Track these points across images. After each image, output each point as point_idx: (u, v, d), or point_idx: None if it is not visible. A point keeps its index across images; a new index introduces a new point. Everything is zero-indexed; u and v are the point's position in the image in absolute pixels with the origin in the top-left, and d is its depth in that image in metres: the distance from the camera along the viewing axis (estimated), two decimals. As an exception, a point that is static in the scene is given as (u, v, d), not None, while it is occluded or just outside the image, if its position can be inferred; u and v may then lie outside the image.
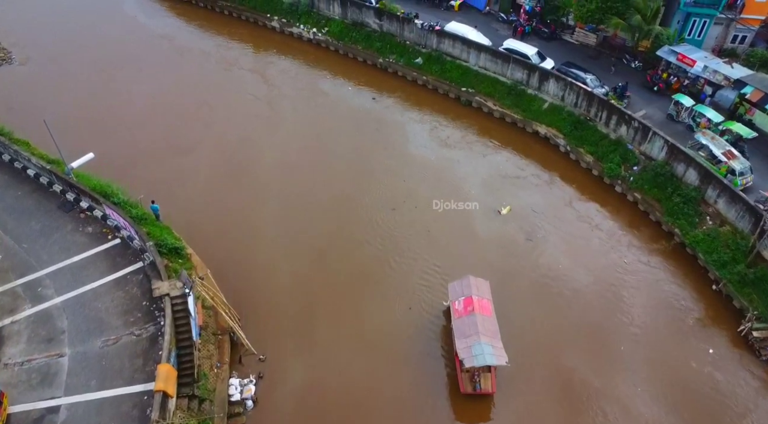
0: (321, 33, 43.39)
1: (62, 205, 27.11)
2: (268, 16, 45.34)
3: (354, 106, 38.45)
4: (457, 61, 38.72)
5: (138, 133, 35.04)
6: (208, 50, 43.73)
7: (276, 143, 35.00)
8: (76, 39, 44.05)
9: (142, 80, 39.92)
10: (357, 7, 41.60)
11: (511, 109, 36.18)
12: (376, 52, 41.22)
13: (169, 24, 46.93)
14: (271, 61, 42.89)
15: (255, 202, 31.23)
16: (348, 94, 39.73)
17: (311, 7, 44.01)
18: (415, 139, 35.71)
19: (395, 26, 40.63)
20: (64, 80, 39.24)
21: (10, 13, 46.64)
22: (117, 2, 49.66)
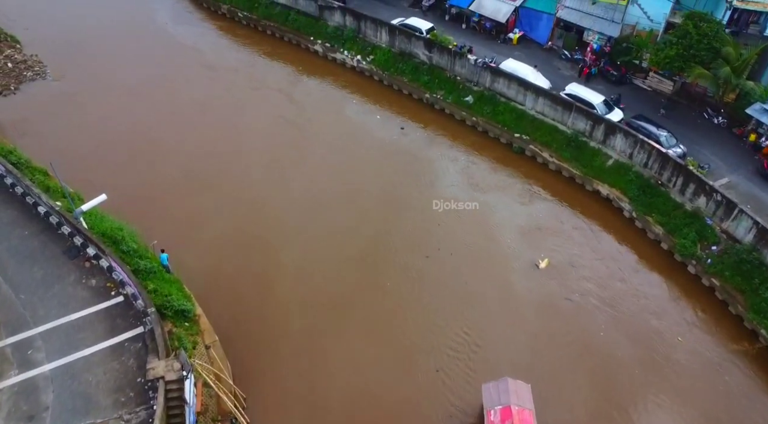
0: (365, 61, 40.77)
1: (68, 251, 25.24)
2: (312, 39, 43.10)
3: (393, 142, 35.78)
4: (511, 103, 35.30)
5: (162, 161, 33.39)
6: (245, 70, 42.02)
7: (303, 176, 32.82)
8: (110, 53, 42.97)
9: (175, 100, 38.46)
10: (406, 37, 38.76)
11: (570, 163, 32.49)
12: (422, 87, 38.26)
13: (210, 41, 45.46)
14: (310, 86, 40.73)
15: (276, 249, 28.87)
16: (384, 126, 37.08)
17: (357, 32, 41.47)
18: (455, 180, 33.09)
19: (446, 60, 37.56)
20: (94, 100, 37.99)
21: (48, 25, 46.08)
22: (159, 16, 48.63)
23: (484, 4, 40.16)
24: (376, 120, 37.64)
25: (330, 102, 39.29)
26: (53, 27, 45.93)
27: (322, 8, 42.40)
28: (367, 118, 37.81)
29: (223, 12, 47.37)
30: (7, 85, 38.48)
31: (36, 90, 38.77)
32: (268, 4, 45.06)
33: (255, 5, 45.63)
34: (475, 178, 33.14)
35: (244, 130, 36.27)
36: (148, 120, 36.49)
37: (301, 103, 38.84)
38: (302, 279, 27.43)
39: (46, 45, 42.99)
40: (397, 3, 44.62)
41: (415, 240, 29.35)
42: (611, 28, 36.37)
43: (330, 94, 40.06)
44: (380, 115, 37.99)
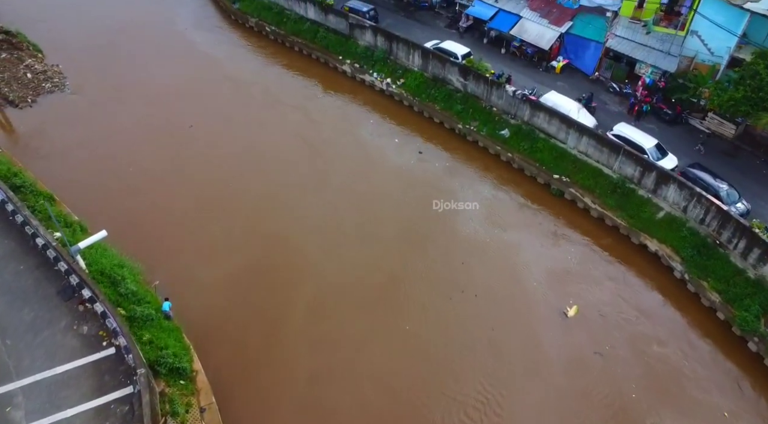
0: (396, 85, 38.54)
1: (63, 291, 23.62)
2: (340, 58, 41.12)
3: (414, 169, 33.70)
4: (551, 140, 32.57)
5: (174, 184, 32.06)
6: (267, 85, 40.42)
7: (320, 205, 31.03)
8: (130, 62, 41.98)
9: (191, 116, 37.00)
10: (440, 61, 36.39)
11: (615, 212, 29.59)
12: (455, 116, 35.81)
13: (236, 54, 44.09)
14: (333, 106, 38.93)
15: (288, 287, 26.98)
16: (404, 151, 35.05)
17: (388, 54, 39.30)
18: (478, 214, 30.84)
19: (482, 89, 35.05)
20: (110, 116, 36.79)
21: (69, 25, 45.50)
22: (181, 21, 47.66)
23: (526, 29, 37.52)
24: (395, 143, 35.68)
25: (352, 123, 37.39)
26: (75, 28, 45.58)
27: (352, 26, 40.40)
28: (388, 141, 35.83)
29: (250, 25, 45.89)
30: (24, 98, 37.55)
31: (53, 103, 37.77)
32: (297, 20, 43.33)
33: (283, 20, 43.97)
34: (500, 214, 30.94)
35: (262, 150, 34.63)
36: (162, 137, 35.18)
37: (321, 123, 37.08)
38: (314, 321, 25.57)
39: (66, 50, 42.36)
40: (433, 23, 42.34)
41: (437, 279, 27.47)
42: (667, 61, 33.32)
43: (352, 115, 38.16)
44: (399, 139, 36.06)
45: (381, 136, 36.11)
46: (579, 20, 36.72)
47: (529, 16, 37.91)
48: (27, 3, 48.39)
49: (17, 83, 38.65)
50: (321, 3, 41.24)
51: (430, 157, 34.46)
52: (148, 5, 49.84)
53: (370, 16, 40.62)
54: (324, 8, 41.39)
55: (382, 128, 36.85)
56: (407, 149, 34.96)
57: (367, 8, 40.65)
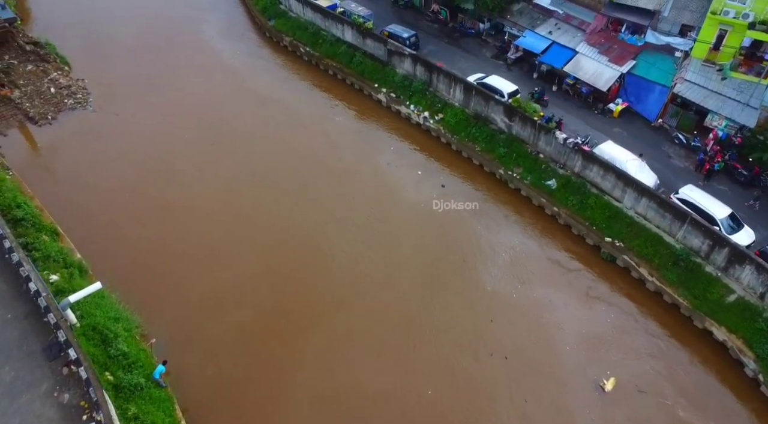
0: (433, 119, 35.74)
1: (49, 348, 21.68)
2: (376, 86, 38.60)
3: (442, 213, 30.89)
4: (605, 197, 29.19)
5: (182, 219, 30.09)
6: (293, 107, 38.39)
7: (335, 246, 28.91)
8: (153, 72, 40.80)
9: (208, 135, 35.57)
10: (483, 98, 33.41)
11: (675, 288, 26.01)
12: (497, 159, 32.75)
13: (267, 72, 42.25)
14: (360, 135, 36.80)
15: (296, 343, 24.70)
16: (428, 188, 32.56)
17: (428, 85, 36.54)
18: (508, 265, 28.42)
19: (528, 132, 31.90)
20: (127, 136, 35.29)
21: (97, 39, 44.33)
22: (213, 35, 46.25)
23: (582, 66, 34.18)
24: (418, 176, 33.37)
25: (373, 150, 35.32)
26: (104, 36, 44.77)
27: (391, 53, 37.83)
28: (409, 172, 33.58)
29: (285, 44, 43.93)
30: (45, 114, 36.39)
31: (73, 121, 36.48)
32: (333, 42, 41.07)
33: (319, 41, 41.80)
34: (530, 268, 28.22)
35: (277, 179, 32.72)
36: (179, 162, 33.41)
37: (348, 152, 35.13)
38: (324, 379, 23.32)
39: (93, 62, 41.47)
40: (479, 52, 39.39)
41: (461, 335, 25.22)
42: (745, 113, 29.51)
43: (376, 141, 35.99)
44: (423, 171, 33.71)
45: (402, 167, 33.86)
46: (643, 59, 33.18)
47: (586, 52, 34.56)
48: (65, 12, 47.90)
49: (40, 98, 37.57)
50: (359, 26, 38.84)
51: (456, 195, 31.95)
52: (178, 8, 49.17)
53: (411, 43, 37.99)
54: (362, 32, 38.99)
55: (405, 158, 34.63)
56: (430, 183, 32.76)
57: (408, 34, 38.04)
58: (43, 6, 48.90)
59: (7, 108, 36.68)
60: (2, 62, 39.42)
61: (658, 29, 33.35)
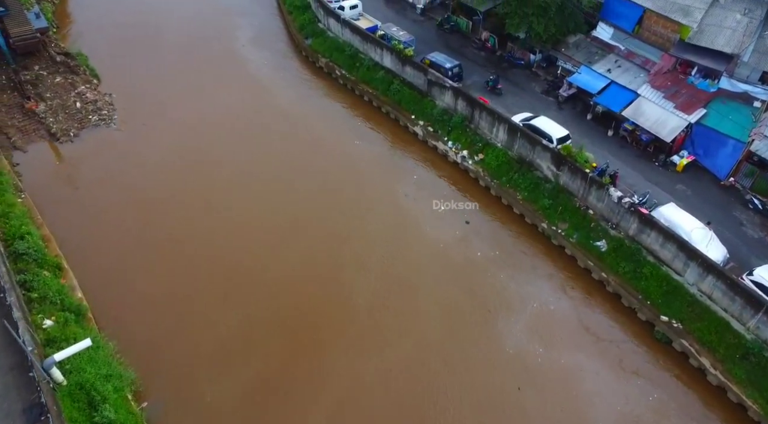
0: (472, 159, 32.95)
1: (30, 409, 20.04)
2: (413, 117, 36.06)
3: (461, 259, 28.72)
4: (663, 267, 25.80)
5: (194, 261, 28.18)
6: (319, 131, 36.50)
7: (358, 294, 26.91)
8: (181, 92, 39.15)
9: (227, 155, 34.31)
10: (529, 142, 30.43)
11: (742, 387, 22.51)
12: (540, 211, 29.71)
13: (299, 92, 40.34)
14: (390, 168, 34.28)
15: (305, 409, 22.58)
16: (450, 225, 30.38)
17: (468, 121, 33.79)
18: (546, 331, 25.80)
19: (578, 184, 28.76)
20: (146, 161, 33.71)
21: (128, 49, 43.41)
22: (244, 43, 44.91)
23: (643, 111, 30.78)
24: (440, 211, 31.07)
25: (395, 178, 33.25)
26: (135, 38, 44.28)
27: (431, 84, 35.23)
28: (431, 206, 31.17)
29: (320, 65, 41.81)
30: (67, 131, 35.33)
31: (94, 140, 35.29)
32: (370, 67, 38.75)
33: (356, 65, 39.55)
34: (564, 332, 25.65)
35: (294, 212, 30.79)
36: (196, 190, 31.86)
37: (371, 179, 33.19)
38: None
39: (122, 74, 40.48)
40: (528, 86, 36.33)
41: (487, 401, 23.03)
42: (836, 181, 25.58)
43: (401, 175, 33.63)
44: (445, 205, 31.36)
45: (421, 200, 31.63)
46: (715, 108, 29.59)
47: (649, 95, 31.12)
48: (103, 15, 47.47)
49: (64, 113, 36.58)
50: (399, 52, 36.37)
51: (483, 238, 29.68)
52: (214, 12, 48.49)
53: (454, 74, 35.28)
54: (402, 58, 36.50)
55: (431, 191, 32.28)
56: (454, 219, 30.56)
57: (450, 64, 35.34)
58: (85, 9, 48.53)
59: (31, 122, 35.83)
60: (32, 73, 38.74)
61: (735, 75, 29.72)
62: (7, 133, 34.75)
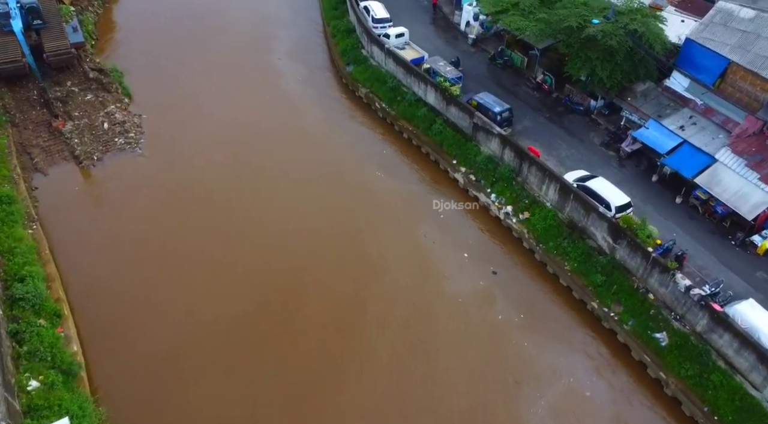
0: (517, 217, 29.74)
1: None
2: (454, 162, 33.10)
3: (484, 324, 26.14)
4: (737, 377, 21.93)
5: (204, 309, 26.13)
6: (348, 164, 34.56)
7: (377, 357, 24.88)
8: (209, 110, 37.53)
9: (254, 186, 32.65)
10: (583, 206, 27.00)
11: None
12: (591, 287, 26.29)
13: (325, 115, 38.44)
14: (423, 214, 31.40)
15: None
16: (473, 276, 28.20)
17: (516, 174, 30.60)
18: None
19: (637, 262, 25.21)
20: (167, 191, 32.06)
21: (164, 63, 42.31)
22: (281, 56, 43.65)
23: (720, 180, 26.89)
24: (463, 259, 28.63)
25: (417, 216, 30.99)
26: (171, 46, 43.78)
27: (476, 128, 32.20)
28: (456, 255, 28.73)
29: (360, 95, 39.32)
30: (91, 154, 34.03)
31: (117, 165, 33.84)
32: (412, 102, 36.02)
33: (397, 98, 36.93)
34: None
35: (312, 257, 28.73)
36: (213, 230, 29.81)
37: (395, 225, 30.67)
38: None
39: (154, 92, 39.28)
40: (585, 136, 32.79)
41: None
42: None
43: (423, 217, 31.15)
44: (470, 253, 29.21)
45: (446, 245, 29.43)
46: (810, 184, 25.36)
47: (728, 162, 27.18)
48: (142, 22, 46.92)
49: (90, 134, 35.34)
50: (444, 90, 33.46)
51: (506, 293, 27.46)
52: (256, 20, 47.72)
53: (503, 118, 32.09)
54: (447, 97, 33.57)
55: (458, 238, 29.90)
56: (478, 268, 28.30)
57: (500, 108, 32.14)
58: (130, 17, 47.94)
59: (56, 142, 34.71)
60: (63, 89, 37.76)
61: (837, 146, 25.45)
62: (31, 153, 33.74)
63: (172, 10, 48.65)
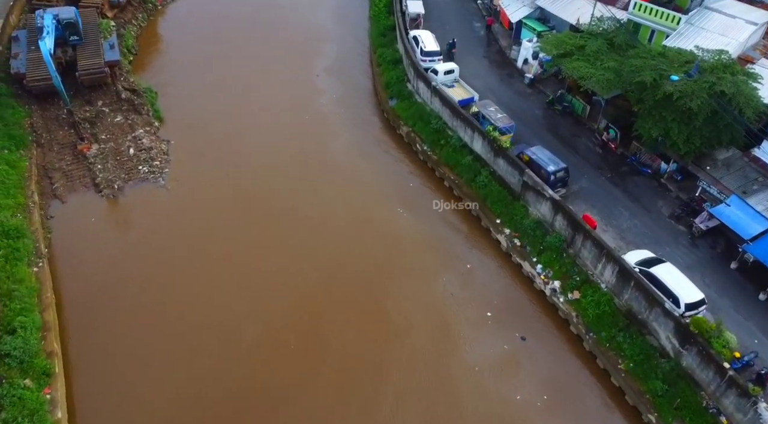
0: (566, 296, 26.15)
1: None
2: (497, 222, 29.73)
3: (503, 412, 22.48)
4: None
5: (210, 378, 23.66)
6: (375, 205, 31.99)
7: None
8: (236, 153, 35.05)
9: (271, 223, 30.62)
10: (645, 296, 23.27)
11: None
12: (649, 395, 22.51)
13: (358, 149, 36.06)
14: (454, 275, 28.34)
15: None
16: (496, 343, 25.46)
17: (567, 245, 27.00)
18: None
19: (709, 376, 21.26)
20: (186, 233, 29.93)
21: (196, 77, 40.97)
22: (319, 73, 42.20)
23: (818, 280, 22.45)
24: (487, 318, 25.86)
25: None
26: (210, 61, 42.49)
27: (526, 187, 28.78)
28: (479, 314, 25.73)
29: (400, 133, 36.46)
30: (112, 182, 32.45)
31: (138, 197, 32.13)
32: (457, 147, 32.93)
33: (440, 142, 33.92)
34: None
35: (328, 303, 26.68)
36: (224, 281, 27.43)
37: None
38: None
39: (184, 98, 38.54)
40: (651, 204, 28.85)
41: None
42: None
43: None
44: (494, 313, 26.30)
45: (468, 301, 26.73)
46: None
47: (829, 258, 22.76)
48: (186, 35, 45.94)
49: (115, 159, 33.82)
50: (493, 140, 30.18)
51: (534, 365, 24.38)
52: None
53: (557, 179, 28.54)
54: (495, 148, 30.27)
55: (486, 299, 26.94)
56: (501, 333, 25.64)
57: (555, 167, 28.57)
58: (176, 27, 47.15)
59: (79, 167, 33.33)
60: (93, 109, 36.52)
61: None
62: (52, 178, 32.43)
63: (217, 20, 47.84)
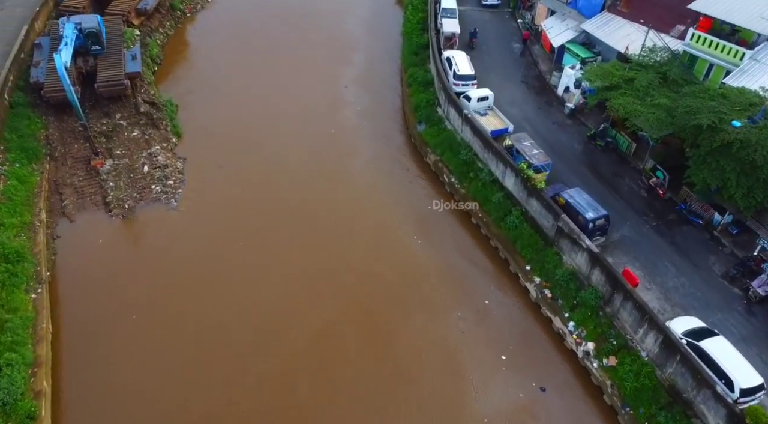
0: (601, 361, 23.59)
1: None
2: (527, 268, 27.34)
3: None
4: None
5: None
6: (393, 241, 29.89)
7: None
8: (258, 177, 33.60)
9: None
10: (692, 374, 20.56)
11: None
12: (690, 489, 19.65)
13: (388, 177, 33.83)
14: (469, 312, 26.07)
15: None
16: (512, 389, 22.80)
17: (604, 303, 24.39)
18: None
19: (765, 478, 18.32)
20: (193, 257, 28.53)
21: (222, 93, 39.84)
22: (348, 85, 41.24)
23: None
24: (501, 362, 22.98)
25: None
26: (235, 72, 41.95)
27: (560, 233, 26.27)
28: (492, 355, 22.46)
29: (427, 161, 34.38)
30: (123, 202, 31.23)
31: (148, 218, 30.90)
32: (487, 182, 30.68)
33: (469, 174, 31.75)
34: None
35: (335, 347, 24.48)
36: (233, 315, 25.80)
37: None
38: None
39: (205, 128, 36.86)
40: (701, 260, 26.06)
41: None
42: None
43: None
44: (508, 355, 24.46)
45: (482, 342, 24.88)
46: None
47: None
48: (214, 45, 45.16)
49: (128, 177, 32.66)
50: (527, 179, 27.81)
51: None
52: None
53: (597, 227, 25.96)
54: (528, 187, 27.89)
55: None
56: (516, 380, 23.58)
57: (594, 214, 25.97)
58: (204, 36, 46.41)
59: (91, 183, 32.25)
60: (111, 122, 35.50)
61: None
62: (62, 194, 31.40)
63: (247, 27, 47.60)
